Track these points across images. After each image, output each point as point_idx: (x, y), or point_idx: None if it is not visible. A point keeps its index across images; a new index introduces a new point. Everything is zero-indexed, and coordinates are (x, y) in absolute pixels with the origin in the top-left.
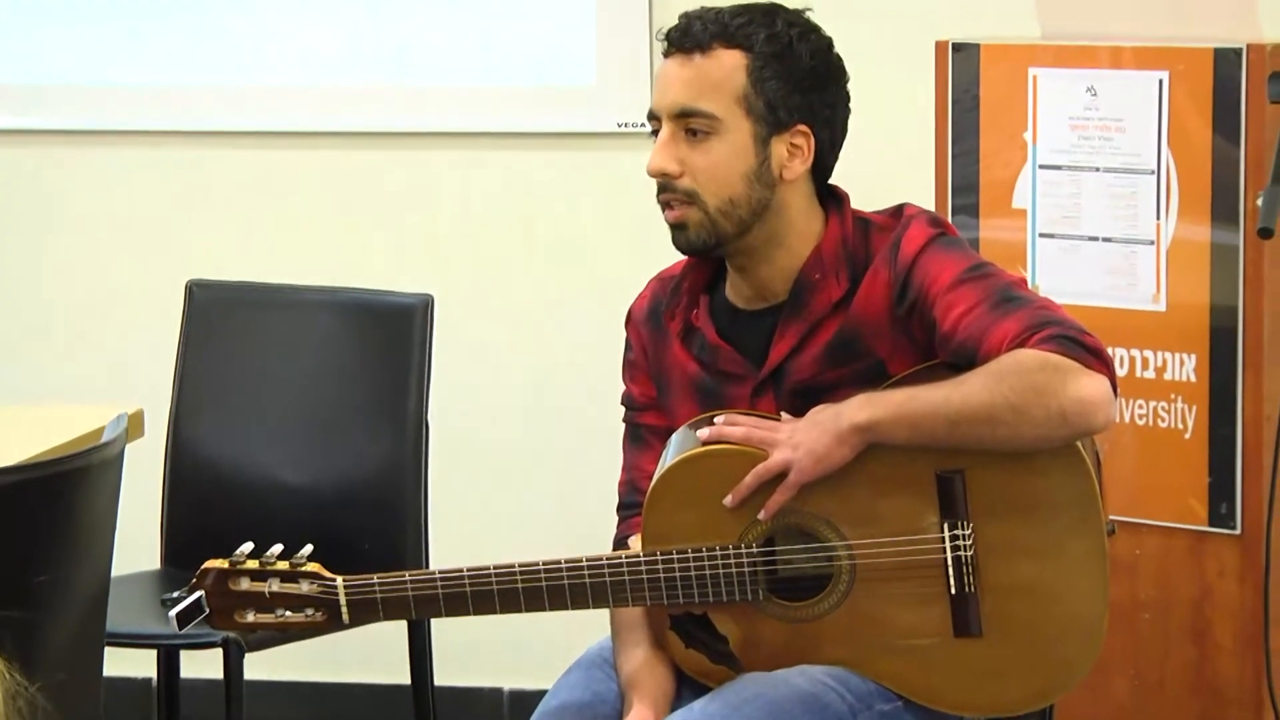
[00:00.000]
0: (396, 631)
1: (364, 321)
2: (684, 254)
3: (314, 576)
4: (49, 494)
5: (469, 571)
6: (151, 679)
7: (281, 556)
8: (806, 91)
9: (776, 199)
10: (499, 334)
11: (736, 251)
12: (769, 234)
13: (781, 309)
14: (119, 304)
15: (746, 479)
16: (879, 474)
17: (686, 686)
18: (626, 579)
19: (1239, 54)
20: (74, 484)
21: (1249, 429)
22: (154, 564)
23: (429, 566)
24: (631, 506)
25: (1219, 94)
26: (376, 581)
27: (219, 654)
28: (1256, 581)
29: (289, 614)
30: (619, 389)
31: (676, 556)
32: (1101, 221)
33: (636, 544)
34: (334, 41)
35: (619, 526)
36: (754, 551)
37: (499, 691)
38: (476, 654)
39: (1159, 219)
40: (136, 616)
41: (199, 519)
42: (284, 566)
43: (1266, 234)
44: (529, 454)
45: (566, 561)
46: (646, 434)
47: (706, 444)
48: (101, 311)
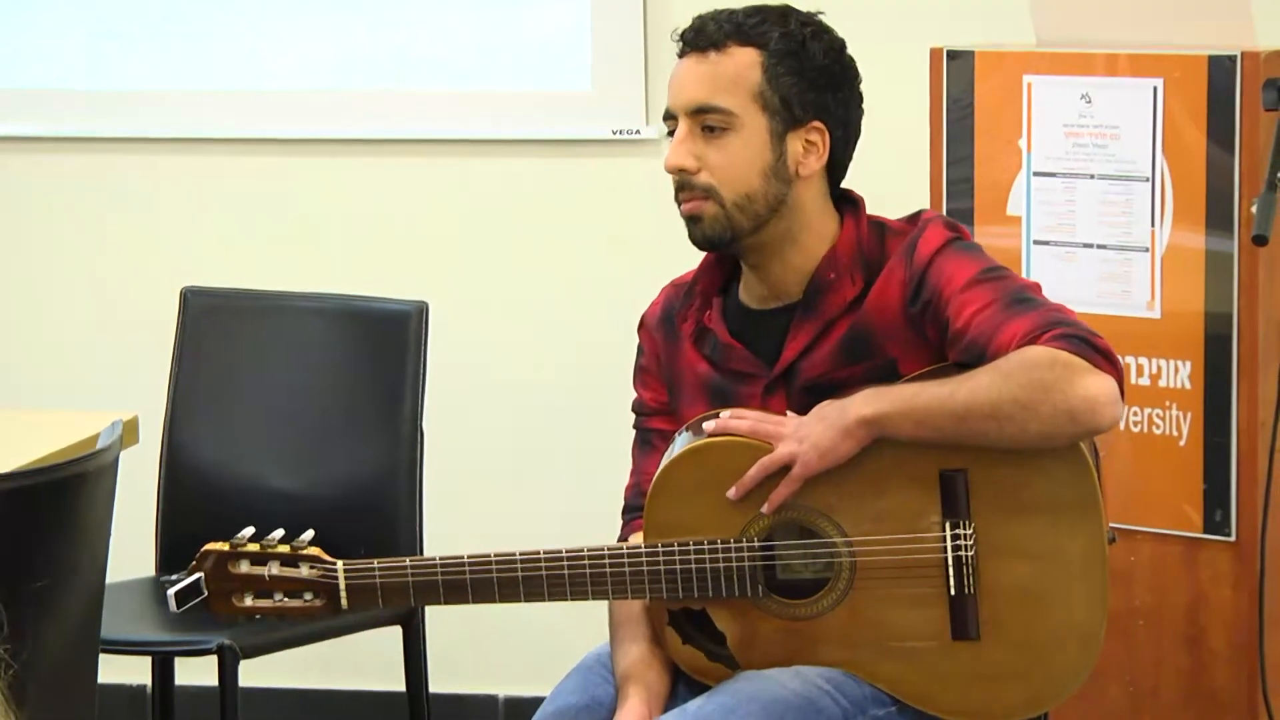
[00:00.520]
0: (391, 638)
1: (359, 328)
2: (699, 248)
3: (314, 560)
4: (44, 500)
5: (469, 559)
6: (146, 686)
7: (283, 541)
8: (821, 89)
9: (792, 195)
10: (494, 340)
11: (751, 248)
12: (784, 231)
13: (795, 308)
14: (114, 311)
15: (751, 471)
16: (882, 471)
17: (683, 684)
18: (626, 570)
19: (1234, 61)
20: (69, 490)
21: (1244, 436)
22: (149, 571)
23: None
24: (636, 510)
25: (1214, 101)
26: (376, 566)
27: (214, 661)
28: (1251, 588)
29: (287, 599)
30: (615, 394)
31: (678, 549)
32: (1096, 229)
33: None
34: (330, 48)
35: (622, 529)
36: (755, 546)
37: (494, 698)
38: (472, 660)
39: (1154, 226)
40: (131, 623)
41: (194, 525)
42: (284, 550)
43: (1261, 241)
44: (523, 460)
45: (567, 551)
46: (655, 439)
47: (712, 435)
48: (96, 318)
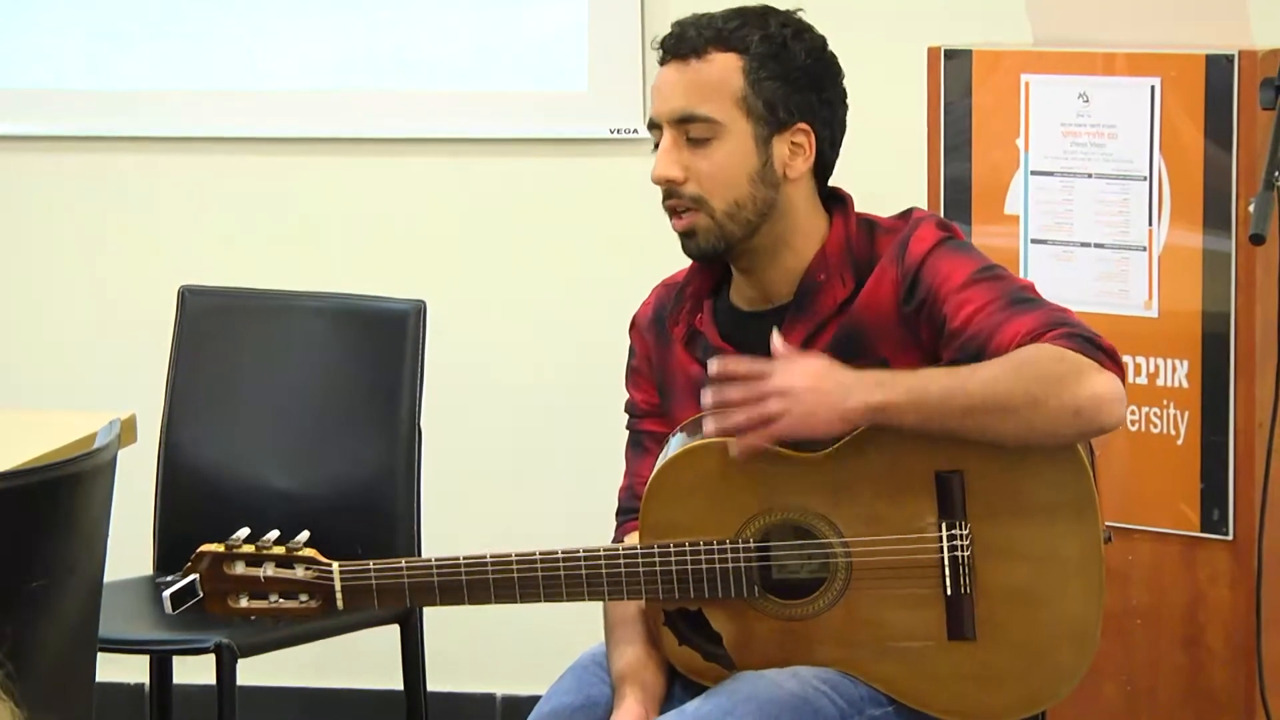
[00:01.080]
0: (389, 637)
1: (357, 327)
2: (694, 260)
3: (310, 561)
4: (42, 499)
5: (465, 560)
6: (144, 684)
7: (278, 542)
8: (804, 90)
9: (781, 199)
10: (492, 340)
11: (743, 254)
12: (775, 235)
13: (786, 310)
14: (112, 310)
15: (736, 417)
16: (878, 472)
17: (679, 684)
18: (622, 571)
19: (1231, 60)
20: (67, 489)
21: (1241, 435)
22: (147, 570)
23: None
24: (630, 512)
25: (1211, 100)
26: (372, 567)
27: (212, 659)
28: (1249, 587)
29: (282, 600)
30: (612, 394)
31: (674, 550)
32: (1094, 228)
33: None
34: (328, 47)
35: (616, 531)
36: (750, 547)
37: (492, 697)
38: (469, 659)
39: (1151, 225)
40: (129, 622)
41: (191, 525)
42: (280, 551)
43: (1258, 240)
44: (522, 460)
45: (563, 552)
46: (647, 441)
47: (718, 375)
48: (94, 317)
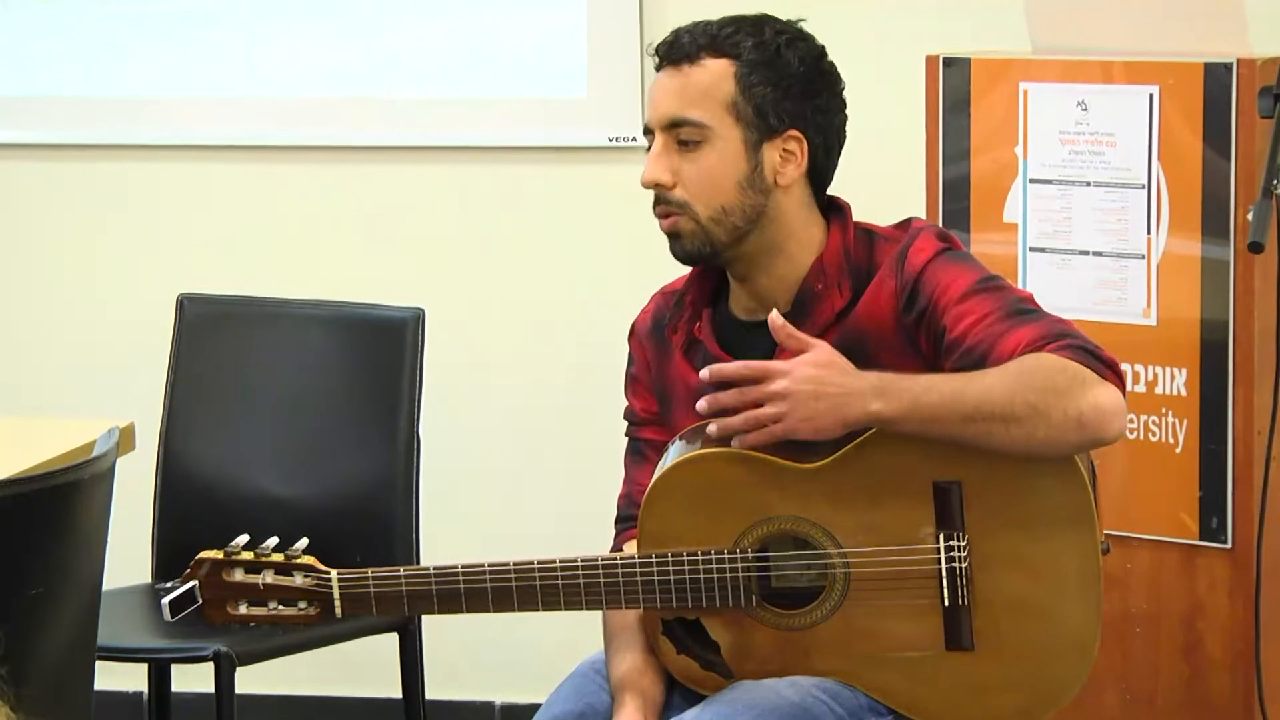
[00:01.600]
0: (388, 645)
1: (355, 335)
2: (681, 263)
3: (308, 569)
4: (40, 507)
5: (463, 569)
6: (143, 693)
7: (277, 549)
8: (797, 97)
9: (772, 205)
10: (490, 347)
11: (735, 260)
12: (767, 242)
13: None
14: (110, 318)
15: (730, 393)
16: (876, 483)
17: (678, 693)
18: (620, 580)
19: (1229, 69)
20: (65, 497)
21: (1239, 443)
22: (145, 578)
23: None
24: (628, 520)
25: (1210, 108)
26: (371, 575)
27: (210, 668)
28: (1248, 595)
29: (281, 607)
30: (611, 401)
31: (671, 559)
32: (1092, 236)
33: (631, 551)
34: (325, 55)
35: (615, 539)
36: (749, 557)
37: (490, 705)
38: (468, 667)
39: (1150, 233)
40: (128, 630)
41: (190, 533)
42: (279, 558)
43: (1257, 249)
44: (521, 467)
45: (561, 561)
46: (646, 448)
47: (711, 379)
48: (92, 325)
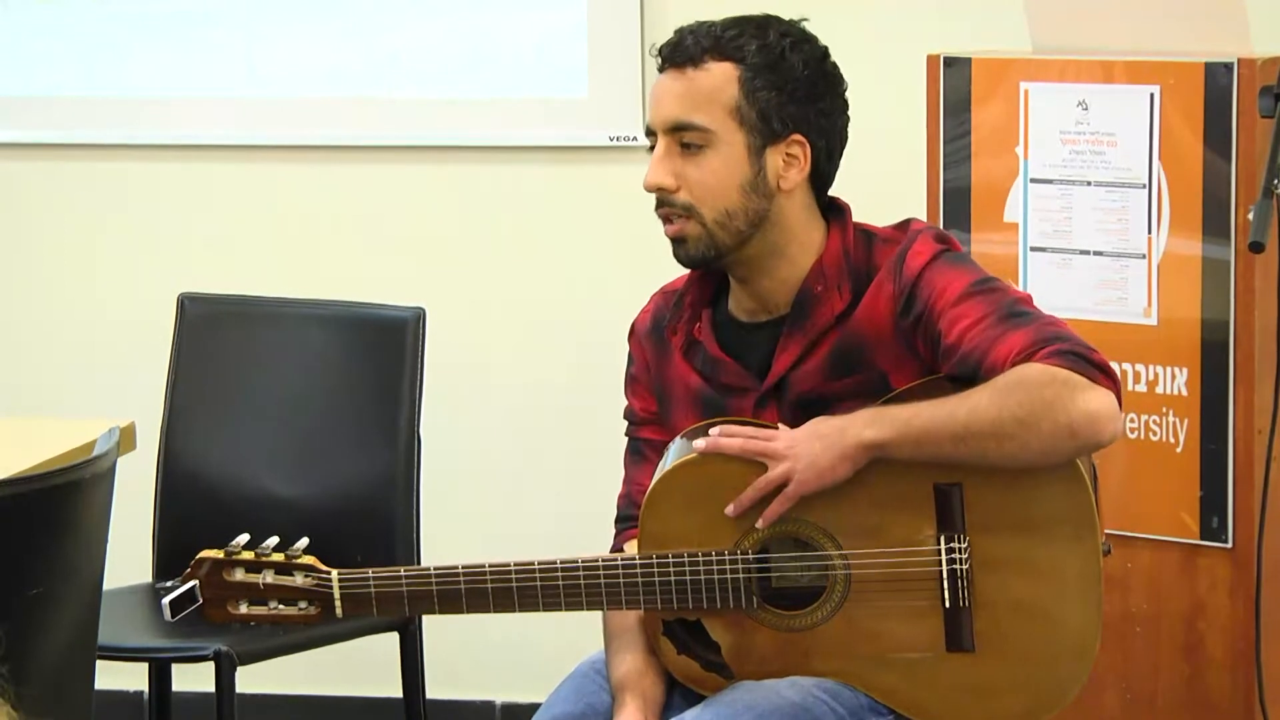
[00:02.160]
0: (388, 644)
1: (356, 335)
2: (685, 267)
3: (309, 569)
4: (41, 507)
5: (463, 569)
6: (143, 692)
7: (277, 549)
8: (800, 101)
9: (774, 209)
10: (491, 347)
11: (737, 263)
12: (769, 245)
13: (784, 321)
14: (110, 317)
15: (747, 492)
16: (877, 485)
17: (678, 694)
18: (621, 581)
19: (1230, 68)
20: (66, 497)
21: (1240, 443)
22: (146, 577)
23: None
24: (628, 520)
25: (1210, 108)
26: (371, 575)
27: (211, 667)
28: (1248, 595)
29: (282, 607)
30: (612, 401)
31: (672, 560)
32: (1093, 235)
33: (632, 552)
34: (326, 55)
35: (615, 539)
36: (749, 559)
37: (491, 705)
38: (469, 667)
39: (1150, 233)
40: (128, 630)
41: (191, 532)
42: (279, 558)
43: (1258, 248)
44: (521, 467)
45: (562, 562)
46: (646, 448)
47: (703, 455)
48: (93, 325)
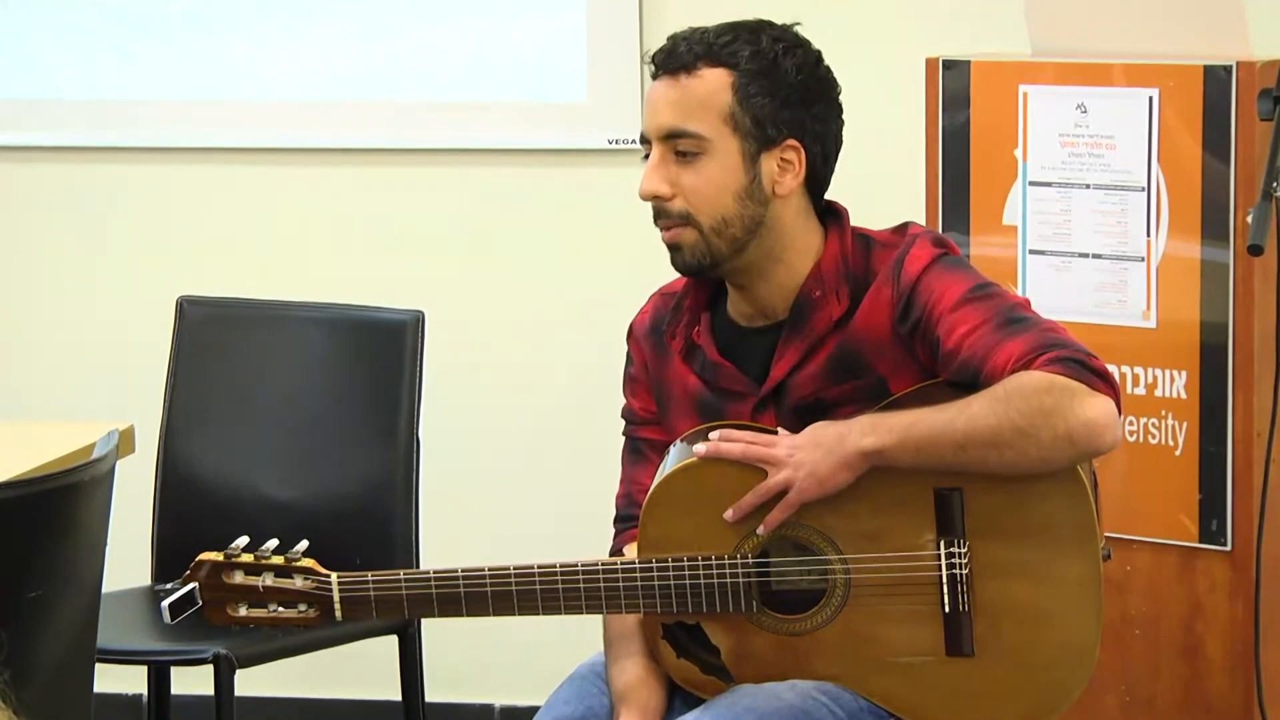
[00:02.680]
0: (388, 647)
1: (355, 337)
2: (682, 274)
3: (309, 572)
4: (40, 510)
5: (463, 572)
6: (142, 695)
7: (277, 551)
8: (795, 106)
9: (770, 215)
10: (490, 349)
11: (734, 270)
12: (766, 251)
13: (782, 326)
14: (110, 320)
15: (747, 497)
16: (877, 490)
17: (679, 699)
18: (620, 585)
19: (1229, 71)
20: (65, 500)
21: (1239, 445)
22: (145, 580)
23: None
24: (628, 520)
25: (1209, 111)
26: (370, 578)
27: (210, 670)
28: (1247, 597)
29: (281, 609)
30: (611, 404)
31: (672, 564)
32: (1092, 238)
33: (632, 554)
34: (325, 58)
35: (615, 539)
36: (749, 563)
37: (490, 708)
38: (468, 670)
39: (1149, 236)
40: (127, 632)
41: (190, 535)
42: (279, 561)
43: (1256, 251)
44: (521, 468)
45: (561, 565)
46: (645, 448)
47: (704, 460)
48: (92, 328)
